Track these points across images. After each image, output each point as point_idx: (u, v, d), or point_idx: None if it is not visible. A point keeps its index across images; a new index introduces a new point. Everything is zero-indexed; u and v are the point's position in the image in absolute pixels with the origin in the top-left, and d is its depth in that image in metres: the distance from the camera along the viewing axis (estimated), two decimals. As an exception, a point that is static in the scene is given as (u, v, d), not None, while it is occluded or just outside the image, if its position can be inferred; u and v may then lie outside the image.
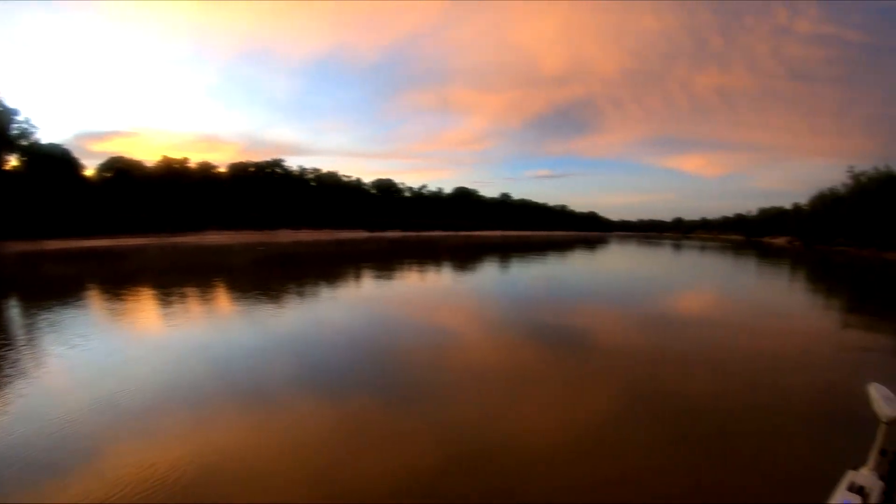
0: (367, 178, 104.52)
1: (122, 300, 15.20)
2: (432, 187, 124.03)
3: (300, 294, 16.59)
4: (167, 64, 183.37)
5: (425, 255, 37.14)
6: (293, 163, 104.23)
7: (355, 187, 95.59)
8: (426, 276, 23.74)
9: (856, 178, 59.86)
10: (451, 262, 31.30)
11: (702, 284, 25.14)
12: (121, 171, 66.70)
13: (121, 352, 9.20)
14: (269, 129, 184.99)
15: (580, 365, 8.64)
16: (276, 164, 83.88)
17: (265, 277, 22.44)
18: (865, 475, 2.37)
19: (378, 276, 22.35)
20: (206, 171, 76.66)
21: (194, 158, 79.88)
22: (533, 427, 5.83)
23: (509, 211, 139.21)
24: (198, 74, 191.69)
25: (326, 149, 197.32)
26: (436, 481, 4.55)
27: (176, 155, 76.42)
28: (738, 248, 64.95)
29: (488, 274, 26.42)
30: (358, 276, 22.43)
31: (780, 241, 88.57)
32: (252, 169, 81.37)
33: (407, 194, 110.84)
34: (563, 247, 55.20)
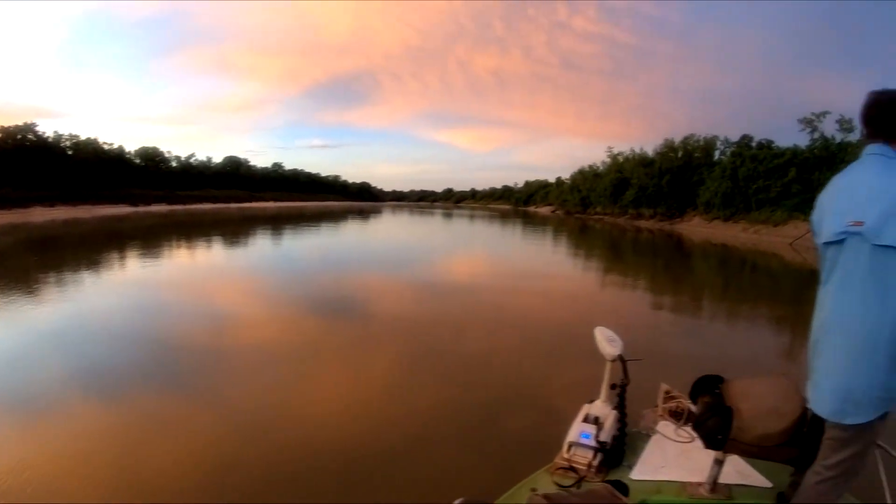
0: (133, 146, 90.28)
1: None
2: (201, 156, 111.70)
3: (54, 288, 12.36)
4: None
5: (195, 231, 32.61)
6: (49, 128, 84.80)
7: (117, 157, 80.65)
8: (195, 255, 21.23)
9: (613, 157, 69.06)
10: (223, 238, 28.39)
11: (473, 249, 26.79)
12: None
13: None
14: (22, 88, 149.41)
15: (361, 334, 8.55)
16: (29, 129, 67.75)
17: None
18: (599, 406, 2.72)
19: (142, 259, 18.84)
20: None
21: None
22: (321, 398, 5.74)
23: (282, 181, 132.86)
24: None
25: (89, 112, 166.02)
26: (234, 470, 4.04)
27: None
28: (505, 216, 71.00)
29: (263, 248, 25.18)
30: (118, 260, 18.51)
31: (544, 209, 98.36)
32: (-3, 135, 64.54)
33: (174, 164, 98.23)
34: (337, 217, 54.54)
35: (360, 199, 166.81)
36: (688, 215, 51.10)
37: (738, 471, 2.42)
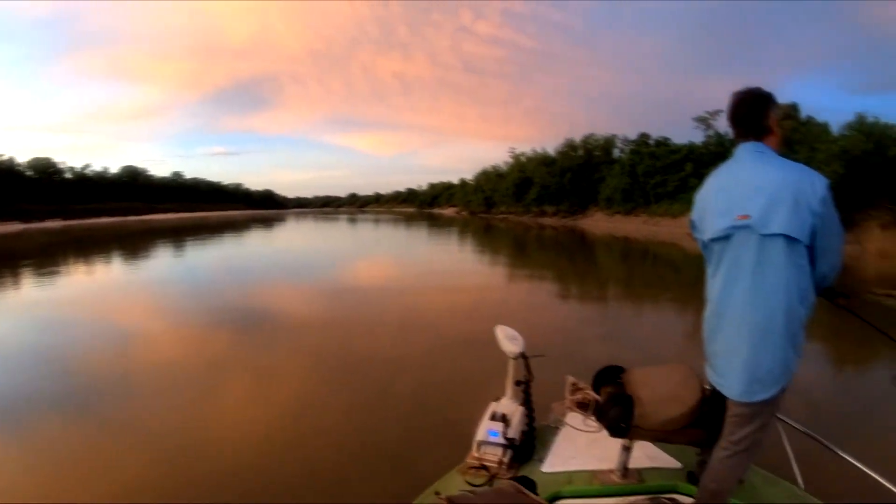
0: (24, 157, 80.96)
1: None
2: (97, 166, 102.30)
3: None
4: None
5: (95, 248, 29.19)
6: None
7: (7, 169, 72.24)
8: (96, 273, 19.36)
9: (516, 157, 69.71)
10: (125, 254, 25.58)
11: (378, 253, 26.24)
12: None
13: None
14: None
15: (269, 346, 8.30)
16: None
17: None
18: (505, 404, 2.68)
19: (39, 279, 16.74)
20: None
21: None
22: (229, 417, 5.52)
23: (183, 191, 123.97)
24: None
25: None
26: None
27: None
28: (410, 219, 70.72)
29: (166, 262, 23.07)
30: (12, 283, 16.55)
31: (449, 211, 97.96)
32: None
33: (69, 175, 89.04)
34: (241, 227, 51.91)
35: (263, 208, 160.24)
36: (590, 211, 52.12)
37: (647, 455, 2.50)
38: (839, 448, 2.33)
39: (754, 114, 1.90)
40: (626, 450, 2.31)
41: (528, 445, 2.58)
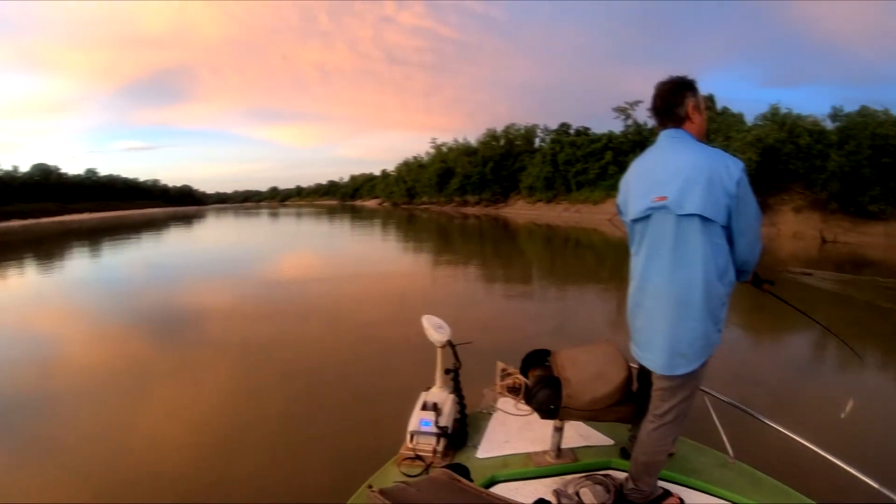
0: None
1: None
2: (6, 165, 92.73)
3: None
4: None
5: (5, 253, 26.18)
6: None
7: None
8: (6, 279, 17.22)
9: (437, 148, 68.71)
10: (38, 258, 22.53)
11: (301, 248, 25.28)
12: None
13: None
14: None
15: (194, 347, 7.87)
16: None
17: None
18: (436, 393, 2.68)
19: None
20: None
21: None
22: (153, 425, 5.12)
23: (97, 189, 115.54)
24: None
25: None
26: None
27: None
28: (333, 212, 69.81)
29: (83, 265, 20.99)
30: None
31: (371, 202, 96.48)
32: None
33: None
34: (160, 225, 48.37)
35: (182, 204, 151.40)
36: (512, 199, 52.28)
37: (580, 434, 2.60)
38: (764, 416, 2.42)
39: (672, 103, 1.97)
40: (559, 430, 2.39)
41: (461, 433, 2.60)
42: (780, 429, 2.34)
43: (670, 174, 1.88)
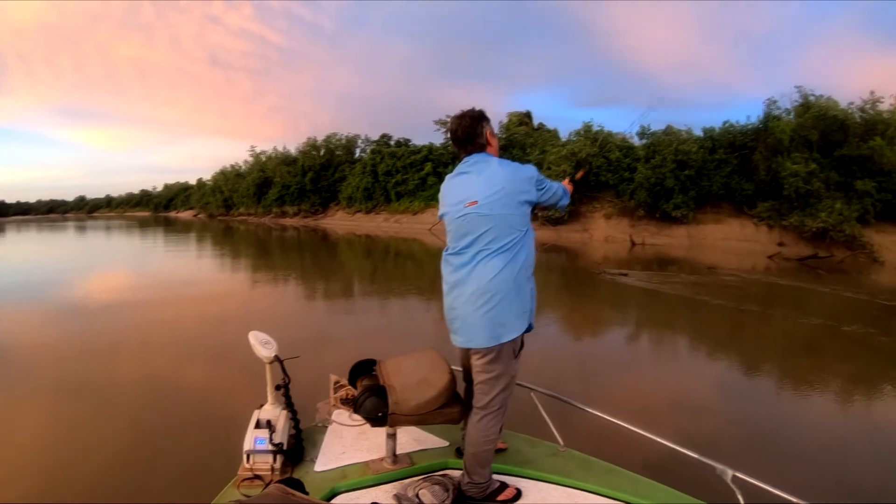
0: None
1: None
2: None
3: None
4: None
5: None
6: None
7: None
8: None
9: (256, 156, 65.34)
10: None
11: (112, 266, 22.24)
12: None
13: None
14: None
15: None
16: None
17: None
18: (269, 410, 2.62)
19: None
20: None
21: None
22: None
23: None
24: None
25: None
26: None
27: None
28: (145, 225, 63.39)
29: None
30: None
31: (186, 214, 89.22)
32: None
33: None
34: None
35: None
36: (331, 210, 51.70)
37: (415, 439, 2.70)
38: (586, 405, 2.66)
39: (473, 134, 2.32)
40: (392, 437, 2.48)
41: (297, 448, 2.61)
42: (602, 415, 2.57)
43: (480, 184, 2.23)
